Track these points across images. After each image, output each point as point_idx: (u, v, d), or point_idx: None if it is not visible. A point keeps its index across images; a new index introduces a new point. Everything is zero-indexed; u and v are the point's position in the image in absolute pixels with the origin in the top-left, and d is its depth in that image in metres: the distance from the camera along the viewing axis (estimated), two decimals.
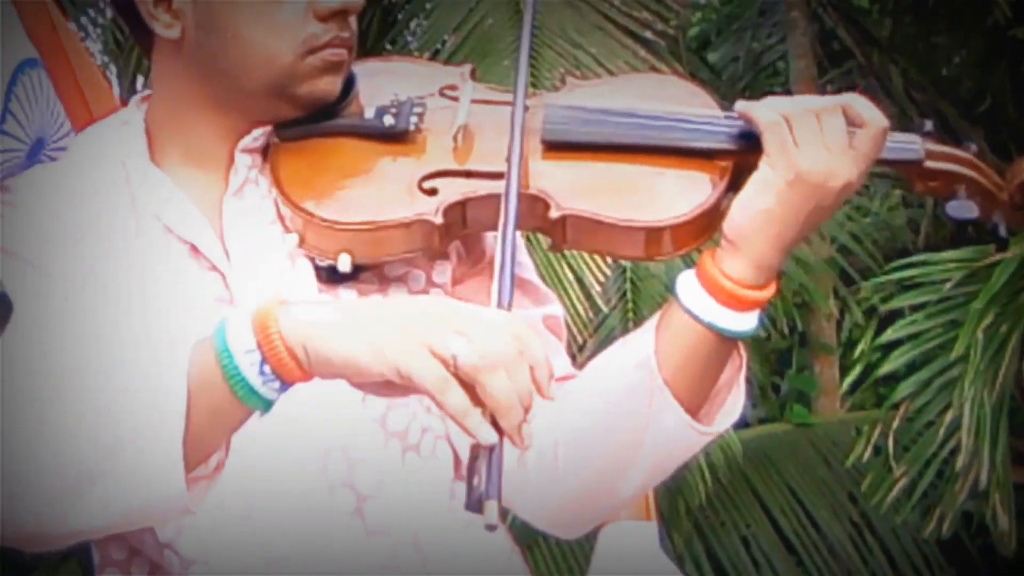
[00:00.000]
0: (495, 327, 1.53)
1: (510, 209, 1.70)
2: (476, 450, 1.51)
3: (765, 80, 7.30)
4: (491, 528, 1.47)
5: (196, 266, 1.83)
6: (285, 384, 1.57)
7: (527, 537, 2.35)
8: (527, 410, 1.51)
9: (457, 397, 1.49)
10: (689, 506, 5.52)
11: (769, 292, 1.77)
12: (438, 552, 1.83)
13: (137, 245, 1.84)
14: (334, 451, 1.81)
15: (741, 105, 1.79)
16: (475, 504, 1.48)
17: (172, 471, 1.57)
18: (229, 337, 1.56)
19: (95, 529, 1.69)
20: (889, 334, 5.02)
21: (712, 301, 1.76)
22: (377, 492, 1.81)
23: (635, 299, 5.49)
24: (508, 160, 1.74)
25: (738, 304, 1.76)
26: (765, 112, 1.76)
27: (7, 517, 1.63)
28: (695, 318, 1.77)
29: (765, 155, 1.74)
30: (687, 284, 1.78)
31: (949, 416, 4.76)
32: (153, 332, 1.67)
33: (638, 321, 5.33)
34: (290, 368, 1.55)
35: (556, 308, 1.97)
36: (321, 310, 1.59)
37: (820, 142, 1.73)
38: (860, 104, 1.78)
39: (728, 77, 7.17)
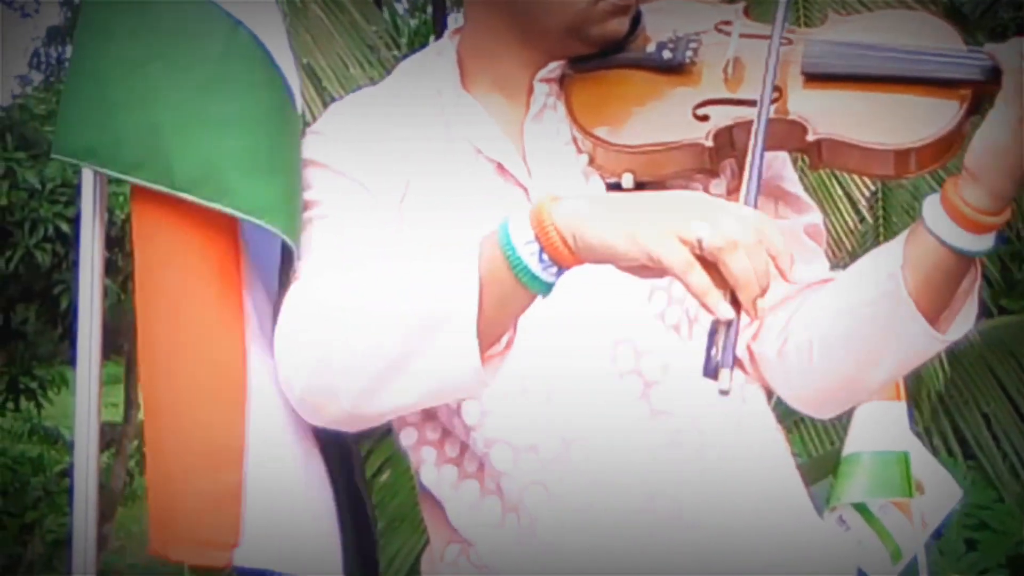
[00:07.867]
0: (737, 217, 1.56)
1: (761, 124, 1.73)
2: (715, 324, 1.55)
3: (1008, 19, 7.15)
4: (724, 393, 1.52)
5: (502, 182, 1.88)
6: (561, 268, 1.61)
7: (789, 417, 2.38)
8: (764, 289, 1.54)
9: (699, 277, 1.53)
10: (933, 389, 5.50)
11: (1005, 216, 1.76)
12: (714, 429, 1.86)
13: (449, 162, 1.89)
14: (622, 343, 1.85)
15: (990, 46, 1.77)
16: (711, 371, 1.53)
17: (469, 352, 1.64)
18: (511, 232, 1.61)
19: (404, 407, 1.77)
20: None
21: (954, 225, 1.75)
22: (661, 378, 1.85)
23: (886, 207, 5.45)
24: (764, 78, 1.77)
25: (977, 228, 1.75)
26: (1009, 55, 1.73)
27: (329, 402, 1.73)
28: (939, 240, 1.76)
29: (1001, 92, 1.72)
30: (932, 208, 1.77)
31: None
32: (461, 241, 1.73)
33: (888, 226, 5.30)
34: (563, 254, 1.60)
35: (816, 217, 1.99)
36: (586, 203, 1.62)
37: None
38: None
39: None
